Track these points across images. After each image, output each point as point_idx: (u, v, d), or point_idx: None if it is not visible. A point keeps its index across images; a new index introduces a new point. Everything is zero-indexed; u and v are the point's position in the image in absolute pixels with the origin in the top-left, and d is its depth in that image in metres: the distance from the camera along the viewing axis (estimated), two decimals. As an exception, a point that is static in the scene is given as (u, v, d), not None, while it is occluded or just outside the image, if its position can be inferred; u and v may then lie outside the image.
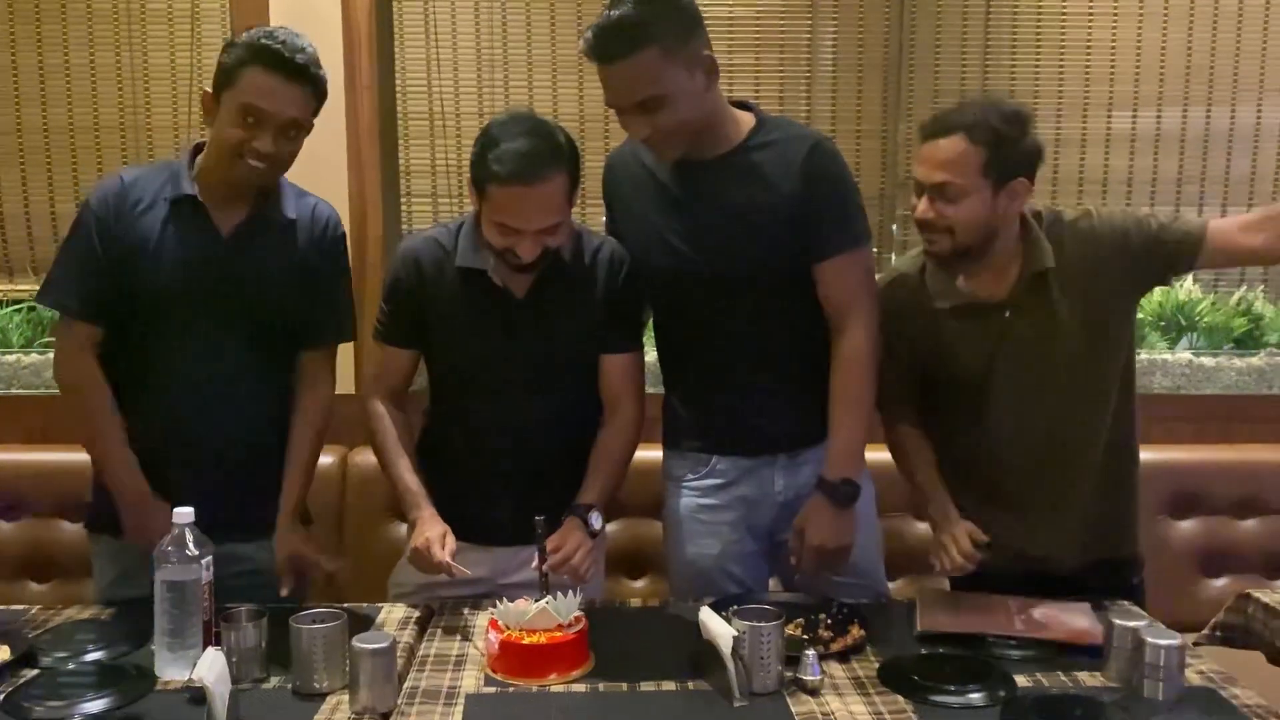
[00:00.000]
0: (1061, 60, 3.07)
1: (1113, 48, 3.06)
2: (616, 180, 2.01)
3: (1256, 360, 2.98)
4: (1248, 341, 3.09)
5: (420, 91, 3.00)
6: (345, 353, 2.10)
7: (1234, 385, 2.97)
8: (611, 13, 1.74)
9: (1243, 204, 3.13)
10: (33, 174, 2.98)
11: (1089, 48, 3.07)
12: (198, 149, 1.88)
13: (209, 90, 1.80)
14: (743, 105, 1.94)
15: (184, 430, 1.86)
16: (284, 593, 1.83)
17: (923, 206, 1.77)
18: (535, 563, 1.72)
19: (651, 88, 1.74)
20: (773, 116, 1.95)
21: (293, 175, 1.90)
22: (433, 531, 1.80)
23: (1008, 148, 1.74)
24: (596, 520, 1.84)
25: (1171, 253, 1.80)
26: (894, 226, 3.07)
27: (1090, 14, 3.04)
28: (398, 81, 2.96)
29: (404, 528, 2.18)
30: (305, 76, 1.76)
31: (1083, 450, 1.89)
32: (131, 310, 1.83)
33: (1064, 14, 3.04)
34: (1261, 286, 3.17)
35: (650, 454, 2.06)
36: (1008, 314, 1.84)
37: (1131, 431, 1.93)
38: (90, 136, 2.97)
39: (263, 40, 1.75)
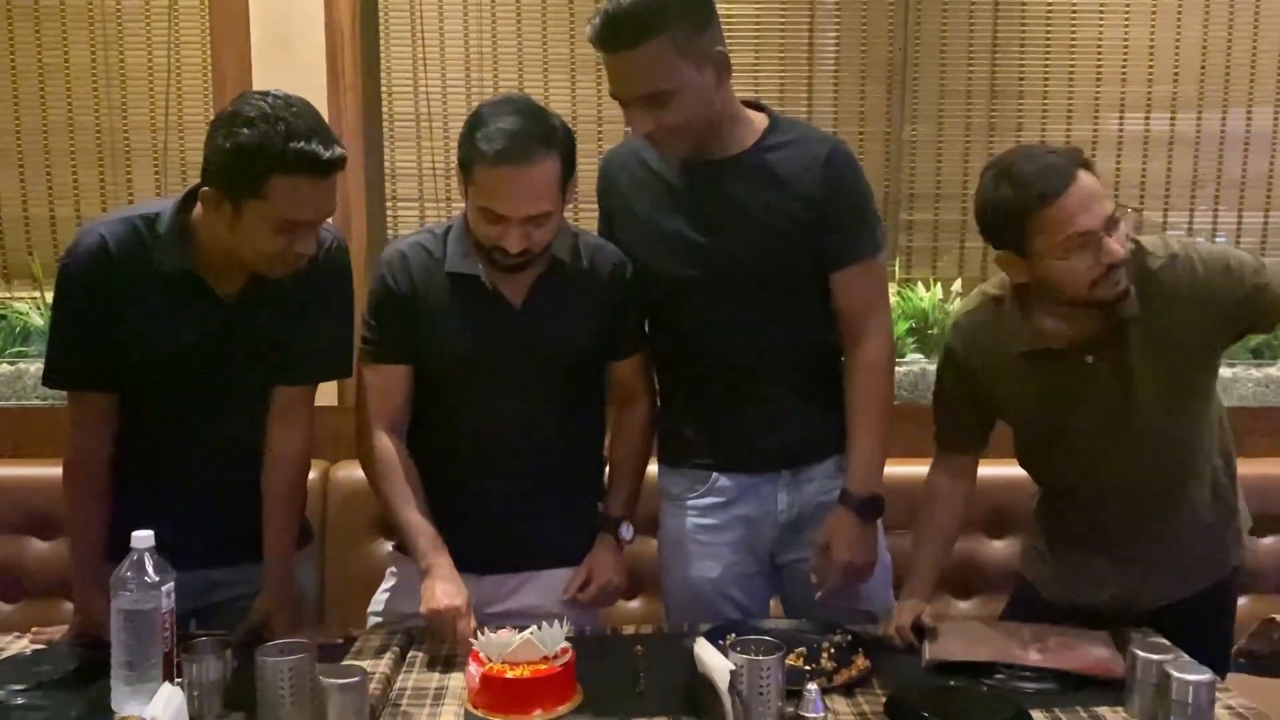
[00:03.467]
0: (1072, 61, 2.98)
1: (1125, 48, 2.98)
2: (614, 181, 1.91)
3: (1275, 370, 2.88)
4: (1265, 351, 2.98)
5: (406, 91, 2.91)
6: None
7: (1250, 397, 2.86)
8: None
9: (1260, 208, 3.04)
10: (4, 176, 2.90)
11: (1100, 48, 2.98)
12: (188, 197, 1.65)
13: (209, 189, 1.57)
14: (755, 105, 1.85)
15: (183, 461, 1.74)
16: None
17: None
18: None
19: (658, 81, 1.65)
20: (786, 118, 1.87)
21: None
22: (460, 599, 1.67)
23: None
24: (628, 531, 1.90)
25: (1264, 314, 1.68)
26: (897, 234, 2.99)
27: (1101, 13, 2.94)
28: (383, 81, 2.86)
29: (387, 546, 2.09)
30: (336, 165, 1.56)
31: (1171, 500, 1.77)
32: (130, 379, 1.71)
33: (1074, 12, 2.95)
34: None
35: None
36: (1090, 359, 1.71)
37: (1224, 465, 1.82)
38: (65, 137, 2.89)
39: (290, 145, 1.51)
